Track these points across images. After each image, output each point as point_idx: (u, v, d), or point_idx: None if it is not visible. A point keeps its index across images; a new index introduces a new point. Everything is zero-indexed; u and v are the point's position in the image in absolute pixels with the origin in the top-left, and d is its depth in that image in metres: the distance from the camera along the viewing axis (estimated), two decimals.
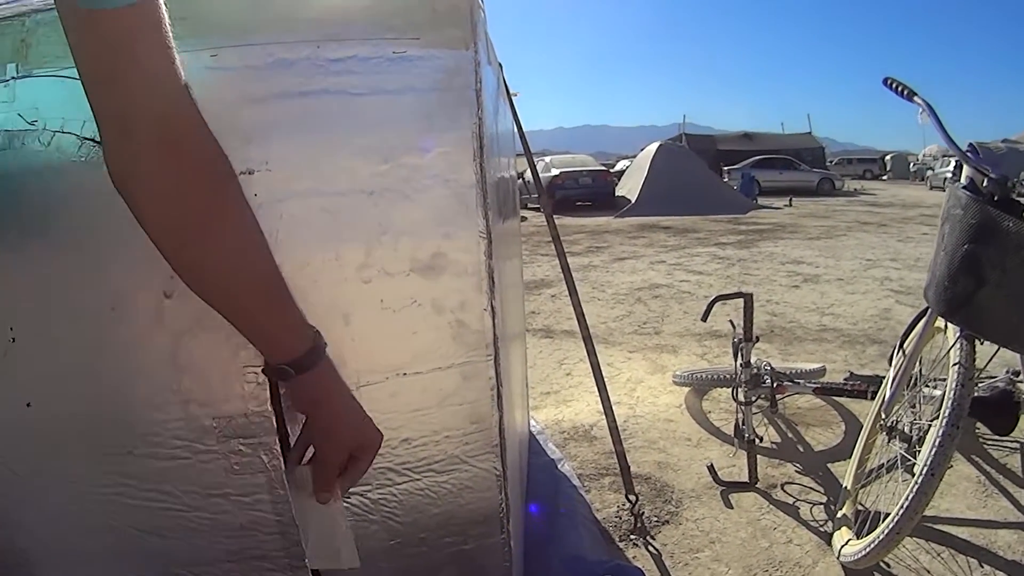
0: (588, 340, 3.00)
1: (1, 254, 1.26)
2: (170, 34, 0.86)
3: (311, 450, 1.19)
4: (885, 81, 2.78)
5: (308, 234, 1.33)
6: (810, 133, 41.64)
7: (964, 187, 2.30)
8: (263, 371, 1.17)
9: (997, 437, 3.47)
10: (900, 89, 2.70)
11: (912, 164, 42.36)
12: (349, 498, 1.47)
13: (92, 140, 1.24)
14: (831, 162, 43.45)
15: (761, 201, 22.66)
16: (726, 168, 29.28)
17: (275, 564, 1.42)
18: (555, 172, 21.98)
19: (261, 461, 1.31)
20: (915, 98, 2.62)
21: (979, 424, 3.56)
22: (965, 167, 2.33)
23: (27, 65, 1.29)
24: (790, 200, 23.08)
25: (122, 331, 1.24)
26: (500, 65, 2.41)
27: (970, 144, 2.42)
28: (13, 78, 1.29)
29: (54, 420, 1.30)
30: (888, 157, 44.14)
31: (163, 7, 0.85)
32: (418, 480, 1.51)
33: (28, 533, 1.37)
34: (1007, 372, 3.26)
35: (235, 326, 1.01)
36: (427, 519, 1.56)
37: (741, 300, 3.46)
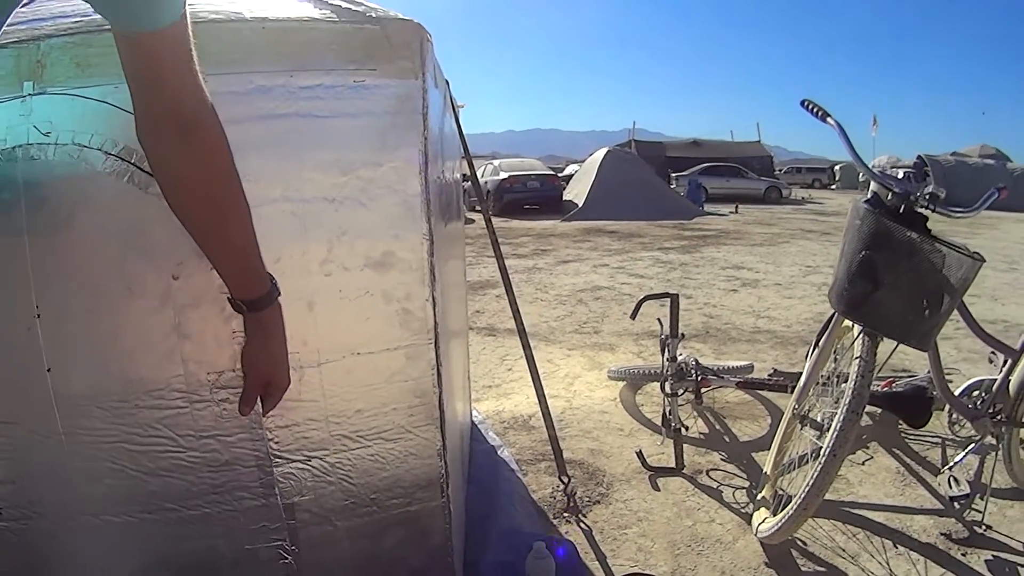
0: (522, 332, 3.19)
1: (31, 244, 1.46)
2: (193, 46, 1.17)
3: None
4: (802, 103, 2.91)
5: (279, 234, 1.57)
6: (759, 141, 41.27)
7: (866, 200, 2.50)
8: (228, 300, 1.45)
9: (919, 432, 3.68)
10: (815, 110, 2.83)
11: (861, 174, 42.02)
12: (311, 461, 1.71)
13: (102, 151, 1.47)
14: (780, 170, 43.20)
15: (708, 208, 22.58)
16: (674, 175, 29.22)
17: (252, 494, 1.68)
18: (504, 175, 21.86)
19: (249, 401, 1.55)
20: (828, 119, 2.76)
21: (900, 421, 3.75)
22: (872, 183, 2.53)
23: (42, 83, 1.49)
24: (736, 207, 23.02)
25: (136, 306, 1.48)
26: (447, 82, 2.62)
27: (919, 156, 2.56)
28: (30, 95, 1.48)
29: (70, 383, 1.52)
30: (838, 167, 43.95)
31: (189, 27, 1.15)
32: (369, 446, 1.76)
33: (43, 485, 1.58)
34: (927, 372, 3.41)
35: (216, 267, 1.37)
36: (377, 481, 1.80)
37: (669, 301, 3.65)
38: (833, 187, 42.20)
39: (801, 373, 3.04)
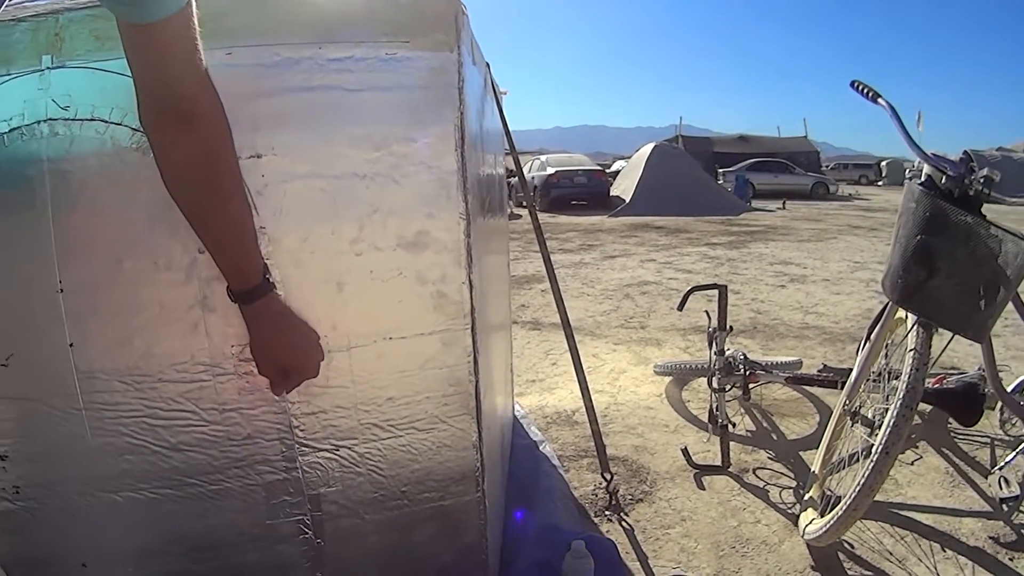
0: (566, 323, 3.12)
1: (55, 219, 1.43)
2: (197, 34, 1.15)
3: None
4: (852, 84, 2.84)
5: (308, 211, 1.51)
6: (806, 137, 41.02)
7: (921, 183, 2.39)
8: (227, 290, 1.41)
9: (968, 431, 3.55)
10: (866, 91, 2.75)
11: (908, 171, 41.57)
12: (339, 450, 1.64)
13: (125, 125, 1.43)
14: (827, 167, 42.80)
15: (755, 204, 22.38)
16: (721, 170, 28.83)
17: (273, 468, 1.62)
18: (551, 171, 21.78)
19: (266, 380, 1.50)
20: (879, 100, 2.68)
21: (951, 419, 3.61)
22: (925, 166, 2.42)
23: (60, 57, 1.46)
24: (783, 203, 22.85)
25: (161, 279, 1.44)
26: (488, 65, 2.55)
27: (965, 152, 2.48)
28: (48, 68, 1.45)
29: (93, 357, 1.48)
30: (884, 163, 43.38)
31: (194, 16, 1.13)
32: (401, 436, 1.68)
33: (63, 462, 1.54)
34: (979, 369, 3.32)
35: (211, 254, 1.34)
36: (408, 473, 1.72)
37: (717, 292, 3.58)
38: (880, 183, 41.65)
39: (851, 369, 2.95)
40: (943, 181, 2.34)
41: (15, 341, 1.46)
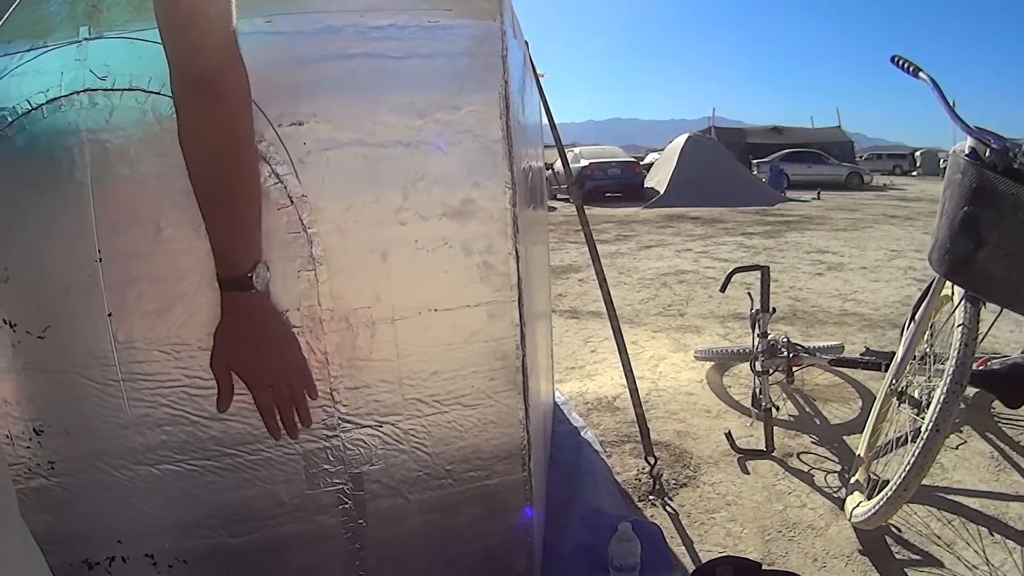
0: (609, 304, 3.09)
1: (94, 189, 1.41)
2: (233, 7, 1.14)
3: None
4: (892, 59, 2.80)
5: (351, 179, 1.48)
6: (839, 127, 40.61)
7: (966, 155, 2.34)
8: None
9: (1012, 415, 3.52)
10: (907, 66, 2.71)
11: (942, 160, 41.30)
12: (382, 427, 1.61)
13: (162, 94, 1.41)
14: (861, 157, 42.39)
15: (789, 194, 22.17)
16: (755, 161, 28.70)
17: (314, 436, 1.59)
18: (585, 163, 21.69)
19: (306, 344, 1.49)
20: (920, 74, 2.64)
21: (995, 404, 3.61)
22: (968, 138, 2.36)
23: (99, 27, 1.44)
24: (818, 193, 22.61)
25: (202, 247, 1.37)
26: (527, 43, 2.52)
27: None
28: (86, 39, 1.43)
29: (132, 327, 1.46)
30: (918, 153, 42.99)
31: None
32: (446, 412, 1.65)
33: (99, 435, 1.52)
34: (1022, 352, 3.27)
35: (210, 231, 1.25)
36: (453, 451, 1.69)
37: (760, 273, 3.52)
38: (914, 173, 41.25)
39: (895, 352, 2.91)
40: (987, 154, 2.29)
41: (52, 312, 1.45)
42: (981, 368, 3.40)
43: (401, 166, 1.51)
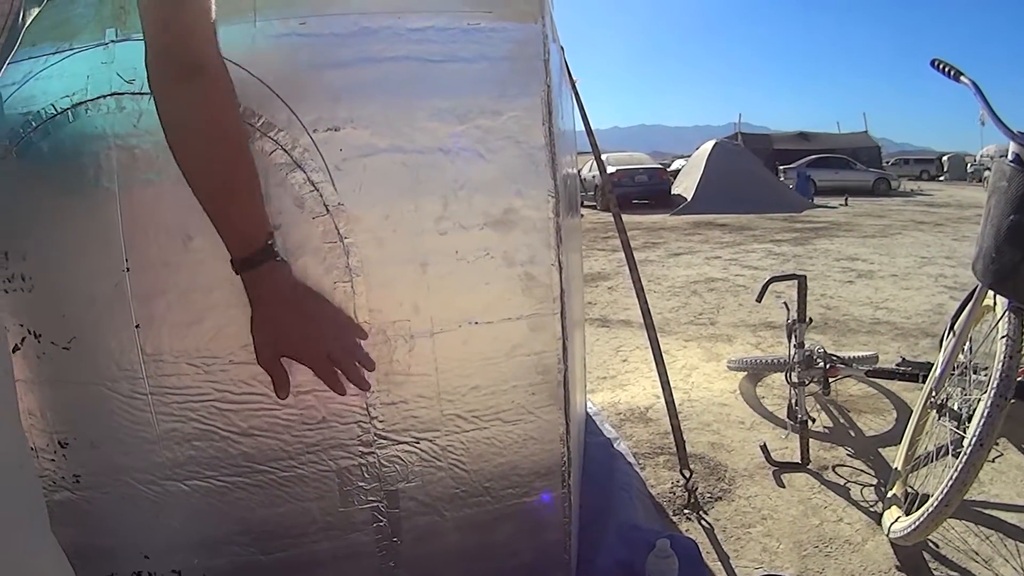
0: (646, 313, 3.07)
1: (121, 197, 1.38)
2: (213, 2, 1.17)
3: None
4: (932, 62, 2.75)
5: (389, 186, 1.43)
6: (866, 133, 40.34)
7: (1010, 161, 2.28)
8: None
9: None
10: (947, 70, 2.66)
11: (969, 165, 40.97)
12: (419, 443, 1.56)
13: None
14: (888, 162, 42.13)
15: (817, 200, 22.06)
16: (782, 167, 28.46)
17: (349, 452, 1.54)
18: (612, 169, 21.55)
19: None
20: (962, 78, 2.58)
21: None
22: (1012, 144, 2.31)
23: (126, 30, 1.40)
24: (846, 199, 22.40)
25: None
26: (562, 48, 2.48)
27: None
28: (112, 41, 1.41)
29: (160, 339, 1.42)
30: (945, 158, 42.70)
31: None
32: (486, 428, 1.59)
33: (126, 449, 1.48)
34: None
35: (211, 216, 1.26)
36: (492, 468, 1.63)
37: (797, 283, 3.44)
38: (941, 179, 40.94)
39: (931, 362, 2.89)
40: None
41: (78, 323, 1.41)
42: (1020, 379, 3.35)
43: (441, 173, 1.45)
